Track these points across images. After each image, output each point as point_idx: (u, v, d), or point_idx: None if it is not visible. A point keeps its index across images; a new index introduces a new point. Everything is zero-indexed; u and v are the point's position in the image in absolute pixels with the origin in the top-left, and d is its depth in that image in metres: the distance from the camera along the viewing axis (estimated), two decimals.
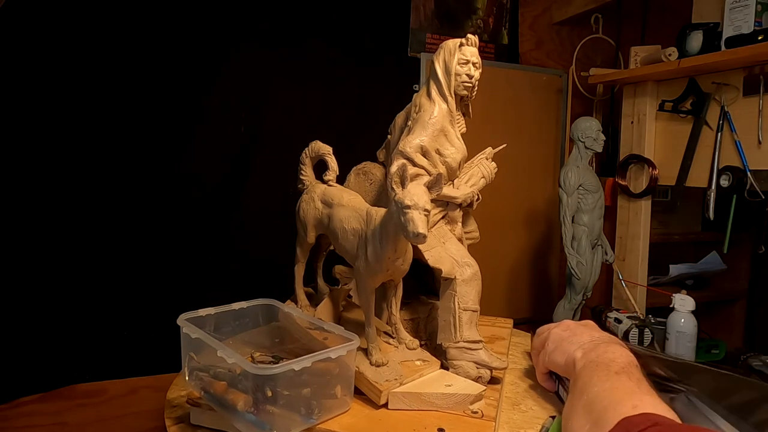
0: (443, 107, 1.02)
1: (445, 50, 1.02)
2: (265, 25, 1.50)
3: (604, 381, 0.66)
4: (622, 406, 0.58)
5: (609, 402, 0.61)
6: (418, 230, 0.72)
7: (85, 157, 1.32)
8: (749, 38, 1.32)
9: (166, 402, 0.96)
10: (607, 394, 0.63)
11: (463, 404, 0.85)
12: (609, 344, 0.79)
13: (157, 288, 1.41)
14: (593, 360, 0.75)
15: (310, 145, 1.12)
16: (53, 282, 1.30)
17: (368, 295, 0.90)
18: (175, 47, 1.40)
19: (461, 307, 0.96)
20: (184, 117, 1.43)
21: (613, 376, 0.67)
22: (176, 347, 0.90)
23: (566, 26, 2.01)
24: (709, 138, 1.48)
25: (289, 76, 1.55)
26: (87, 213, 1.33)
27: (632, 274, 1.70)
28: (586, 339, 0.84)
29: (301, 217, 1.07)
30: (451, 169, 1.03)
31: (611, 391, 0.63)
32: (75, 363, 1.34)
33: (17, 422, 1.29)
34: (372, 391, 0.86)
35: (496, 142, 1.17)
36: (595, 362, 0.74)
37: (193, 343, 0.86)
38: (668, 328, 1.37)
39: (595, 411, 0.62)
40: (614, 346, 0.78)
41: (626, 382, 0.65)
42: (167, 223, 1.42)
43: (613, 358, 0.73)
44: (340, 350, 0.80)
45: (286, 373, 0.74)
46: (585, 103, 2.00)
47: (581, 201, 1.54)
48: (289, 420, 0.76)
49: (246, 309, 1.00)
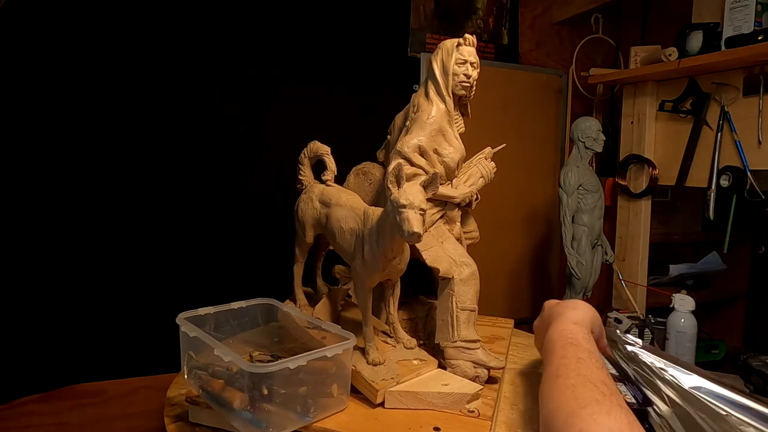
0: (441, 107, 1.02)
1: (443, 50, 1.03)
2: (266, 25, 1.50)
3: (548, 396, 0.67)
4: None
5: (557, 429, 0.61)
6: (413, 229, 0.72)
7: (85, 158, 1.32)
8: (749, 38, 1.32)
9: (165, 400, 0.97)
10: (554, 417, 0.63)
11: (460, 403, 0.85)
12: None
13: (157, 288, 1.41)
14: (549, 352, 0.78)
15: (308, 146, 1.12)
16: (53, 282, 1.30)
17: (365, 294, 0.90)
18: (176, 48, 1.40)
19: (459, 307, 0.96)
20: (185, 117, 1.43)
21: (554, 383, 0.68)
22: (176, 347, 0.90)
23: (566, 26, 2.01)
24: (709, 138, 1.47)
25: (289, 76, 1.55)
26: (87, 213, 1.33)
27: (632, 274, 1.70)
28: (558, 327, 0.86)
29: (299, 217, 1.07)
30: (449, 168, 1.04)
31: (556, 413, 0.63)
32: (75, 363, 1.34)
33: (17, 422, 1.29)
34: (368, 389, 0.86)
35: (495, 142, 1.17)
36: (544, 361, 0.77)
37: (191, 342, 0.86)
38: (668, 328, 1.36)
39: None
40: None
41: (564, 393, 0.64)
42: (167, 223, 1.42)
43: (551, 349, 0.77)
44: (336, 349, 0.80)
45: (282, 372, 0.74)
46: (585, 103, 2.00)
47: (581, 201, 1.54)
48: (285, 418, 0.76)
49: (245, 308, 1.01)
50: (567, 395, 0.63)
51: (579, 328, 0.80)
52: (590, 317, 0.87)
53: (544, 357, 0.80)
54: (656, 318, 1.48)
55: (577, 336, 0.77)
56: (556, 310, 0.89)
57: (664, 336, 1.38)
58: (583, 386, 0.64)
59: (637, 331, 1.41)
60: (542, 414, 0.67)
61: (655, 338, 1.42)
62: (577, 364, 0.69)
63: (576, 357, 0.71)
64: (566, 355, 0.72)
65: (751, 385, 1.11)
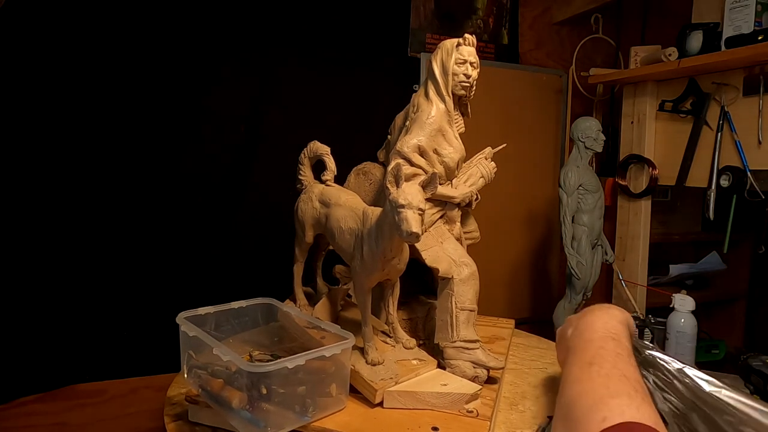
0: (441, 107, 1.02)
1: (443, 50, 1.03)
2: (266, 25, 1.50)
3: (576, 379, 0.65)
4: (590, 421, 0.56)
5: (580, 413, 0.59)
6: (412, 229, 0.72)
7: (85, 157, 1.32)
8: (749, 38, 1.32)
9: (165, 399, 0.97)
10: (578, 401, 0.61)
11: (459, 403, 0.85)
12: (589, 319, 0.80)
13: (157, 288, 1.41)
14: (573, 344, 0.76)
15: (308, 146, 1.12)
16: (53, 282, 1.31)
17: (364, 294, 0.90)
18: (177, 47, 1.40)
19: (458, 307, 0.96)
20: (185, 117, 1.43)
21: (586, 369, 0.66)
22: (176, 347, 0.90)
23: (566, 26, 2.01)
24: (709, 138, 1.47)
25: (289, 76, 1.55)
26: (87, 213, 1.33)
27: (632, 274, 1.70)
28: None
29: (299, 217, 1.08)
30: (449, 168, 1.04)
31: (581, 396, 0.61)
32: (75, 363, 1.34)
33: (17, 422, 1.29)
34: (367, 389, 0.86)
35: (495, 142, 1.17)
36: (574, 348, 0.75)
37: (191, 342, 0.87)
38: (668, 328, 1.36)
39: (569, 421, 0.61)
40: (593, 319, 0.79)
41: (596, 381, 0.63)
42: (167, 223, 1.42)
43: (590, 338, 0.74)
44: (335, 348, 0.80)
45: (281, 371, 0.74)
46: (585, 103, 2.00)
47: (581, 201, 1.54)
48: (283, 417, 0.77)
49: (245, 308, 1.01)
50: (598, 383, 0.61)
51: (623, 327, 0.78)
52: (631, 324, 0.84)
53: (576, 345, 0.76)
54: (656, 318, 1.48)
55: (620, 334, 0.75)
56: (597, 306, 0.86)
57: (664, 336, 1.37)
58: (618, 379, 0.62)
59: (637, 332, 1.41)
60: (563, 397, 0.64)
61: (655, 338, 1.42)
62: (616, 358, 0.67)
63: (616, 351, 0.69)
64: (605, 347, 0.70)
65: (751, 385, 1.10)
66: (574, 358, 0.71)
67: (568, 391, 0.64)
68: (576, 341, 0.77)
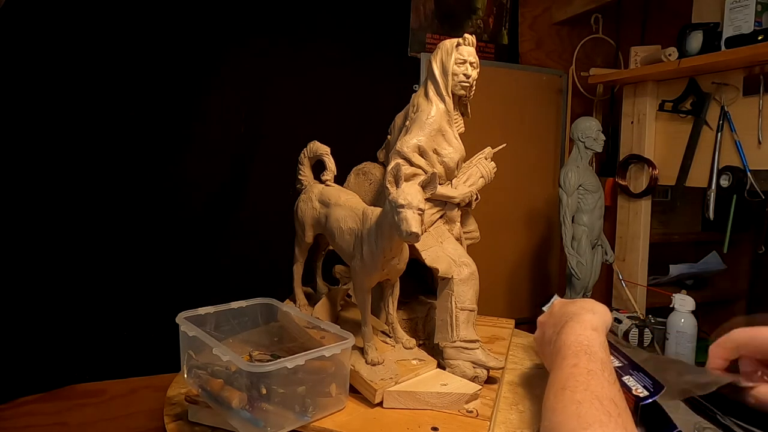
0: (440, 107, 1.02)
1: (443, 50, 1.03)
2: (265, 25, 1.51)
3: (551, 408, 0.66)
4: None
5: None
6: (411, 229, 0.72)
7: (85, 158, 1.33)
8: (749, 38, 1.32)
9: (165, 399, 0.97)
10: (558, 426, 0.62)
11: (458, 403, 0.85)
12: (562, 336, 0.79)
13: (157, 288, 1.41)
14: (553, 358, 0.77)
15: (308, 146, 1.12)
16: (53, 282, 1.31)
17: (364, 294, 0.90)
18: (175, 47, 1.40)
19: (458, 307, 0.96)
20: (184, 117, 1.43)
21: (560, 395, 0.66)
22: (176, 347, 0.90)
23: (566, 26, 2.01)
24: (709, 138, 1.47)
25: (289, 77, 1.55)
26: (87, 213, 1.33)
27: (632, 274, 1.70)
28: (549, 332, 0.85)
29: (299, 217, 1.08)
30: (448, 168, 1.04)
31: (556, 429, 0.62)
32: (75, 363, 1.34)
33: (17, 422, 1.30)
34: (367, 389, 0.86)
35: (495, 142, 1.17)
36: (551, 367, 0.76)
37: (191, 342, 0.87)
38: (668, 328, 1.36)
39: None
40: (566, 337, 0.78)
41: (569, 409, 0.62)
42: (167, 223, 1.42)
43: (564, 355, 0.74)
44: (334, 348, 0.80)
45: (280, 371, 0.74)
46: (585, 103, 2.00)
47: (581, 201, 1.54)
48: (283, 417, 0.77)
49: (245, 308, 1.01)
50: (571, 411, 0.61)
51: (597, 335, 0.77)
52: (608, 322, 0.83)
53: (552, 359, 0.77)
54: (656, 318, 1.48)
55: (593, 343, 0.74)
56: (571, 310, 0.85)
57: (664, 336, 1.37)
58: (590, 404, 0.61)
59: (637, 332, 1.41)
60: (545, 423, 0.65)
61: (655, 338, 1.42)
62: (588, 377, 0.66)
63: (587, 369, 0.68)
64: (578, 364, 0.69)
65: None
66: (551, 378, 0.71)
67: (546, 422, 0.65)
68: (553, 359, 0.77)
